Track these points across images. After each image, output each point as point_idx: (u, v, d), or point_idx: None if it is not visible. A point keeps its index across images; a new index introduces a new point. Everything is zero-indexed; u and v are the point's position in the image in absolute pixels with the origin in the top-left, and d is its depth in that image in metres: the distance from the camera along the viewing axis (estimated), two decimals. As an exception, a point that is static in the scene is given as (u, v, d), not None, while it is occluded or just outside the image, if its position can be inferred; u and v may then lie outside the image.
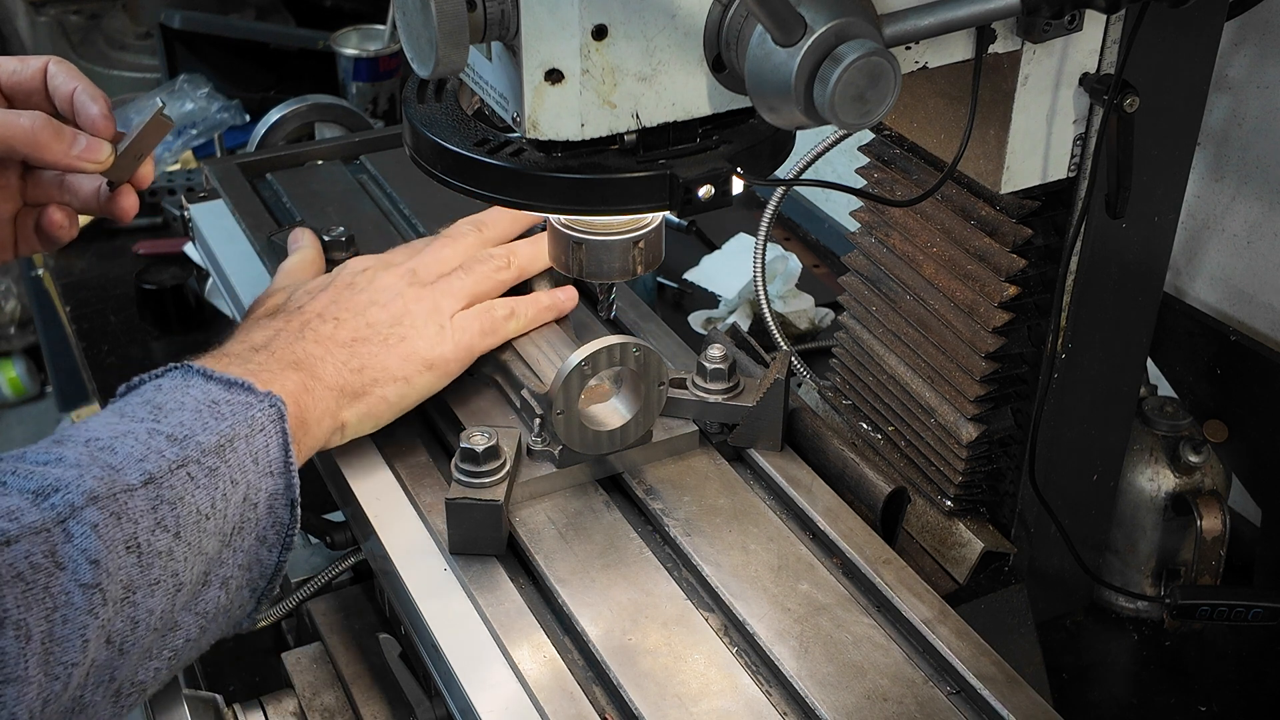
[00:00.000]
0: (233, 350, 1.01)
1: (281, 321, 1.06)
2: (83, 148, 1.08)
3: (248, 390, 0.93)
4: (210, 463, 0.88)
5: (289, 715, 1.07)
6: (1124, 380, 1.14)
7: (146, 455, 0.86)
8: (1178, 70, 0.98)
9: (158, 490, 0.85)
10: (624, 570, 1.00)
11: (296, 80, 2.20)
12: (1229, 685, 1.22)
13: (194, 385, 0.93)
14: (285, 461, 0.93)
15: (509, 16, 0.79)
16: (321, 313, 1.07)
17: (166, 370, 0.95)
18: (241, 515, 0.91)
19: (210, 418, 0.90)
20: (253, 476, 0.91)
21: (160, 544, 0.84)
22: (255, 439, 0.92)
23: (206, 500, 0.87)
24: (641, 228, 0.97)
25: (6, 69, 1.11)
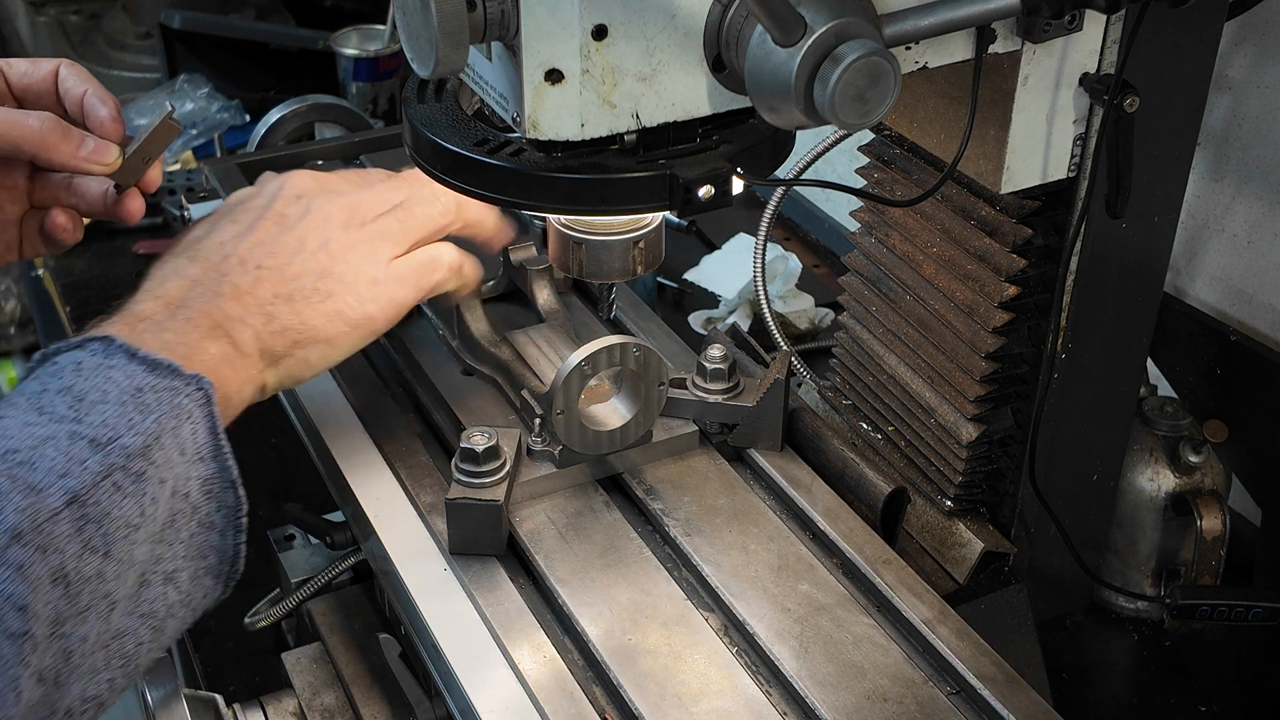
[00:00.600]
0: (147, 310, 0.94)
1: (199, 269, 0.98)
2: (90, 149, 1.07)
3: (173, 373, 0.87)
4: (137, 467, 0.83)
5: (289, 715, 1.07)
6: (1124, 380, 1.14)
7: (69, 469, 0.80)
8: (1178, 70, 0.98)
9: (82, 509, 0.80)
10: (624, 570, 1.00)
11: (296, 80, 2.20)
12: (1229, 685, 1.21)
13: (117, 367, 0.86)
14: (216, 446, 0.89)
15: (509, 16, 0.79)
16: (244, 258, 0.99)
17: (86, 341, 0.88)
18: (171, 509, 0.86)
19: (135, 412, 0.85)
20: (180, 468, 0.86)
21: (89, 568, 0.80)
22: (182, 429, 0.87)
23: (135, 509, 0.82)
24: (641, 228, 0.97)
25: (18, 70, 1.11)
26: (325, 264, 1.01)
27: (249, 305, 0.97)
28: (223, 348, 0.94)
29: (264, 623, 1.13)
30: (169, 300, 0.95)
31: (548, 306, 1.23)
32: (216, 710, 1.01)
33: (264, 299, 0.98)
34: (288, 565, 1.18)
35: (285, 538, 1.21)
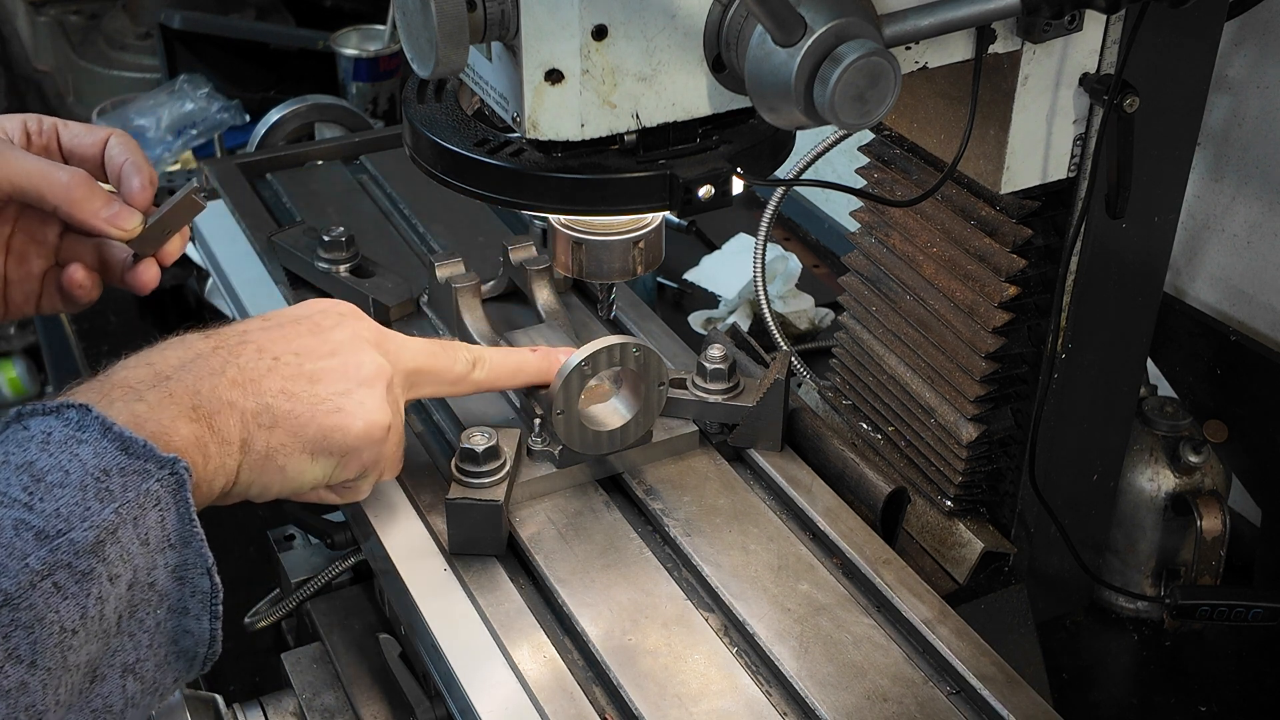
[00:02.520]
0: (129, 378, 0.88)
1: (210, 344, 0.94)
2: (113, 212, 1.07)
3: (148, 455, 0.81)
4: (83, 565, 0.77)
5: (289, 715, 1.07)
6: (1124, 380, 1.14)
7: (6, 567, 0.74)
8: (1178, 70, 0.98)
9: (13, 614, 0.74)
10: (624, 570, 1.00)
11: (296, 80, 2.20)
12: (1229, 685, 1.22)
13: (87, 442, 0.80)
14: (187, 533, 0.83)
15: (509, 16, 0.79)
16: (263, 347, 0.95)
17: (62, 408, 0.82)
18: (132, 599, 0.81)
19: (94, 500, 0.79)
20: (141, 559, 0.81)
21: (9, 680, 0.73)
22: (147, 517, 0.81)
23: (74, 613, 0.76)
24: (641, 228, 0.97)
25: (71, 131, 1.12)
26: (348, 382, 0.96)
27: (248, 392, 0.92)
28: (198, 430, 0.88)
29: (264, 623, 1.13)
30: (159, 369, 0.90)
31: (548, 306, 1.23)
32: (216, 710, 1.01)
33: (268, 390, 0.92)
34: (288, 565, 1.18)
35: (285, 538, 1.21)
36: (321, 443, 0.94)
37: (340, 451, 0.95)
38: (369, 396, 0.96)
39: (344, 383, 0.95)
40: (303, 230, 1.37)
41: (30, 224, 1.11)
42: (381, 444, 0.98)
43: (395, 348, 1.01)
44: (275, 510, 1.21)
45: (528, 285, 1.24)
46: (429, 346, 1.04)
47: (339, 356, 0.96)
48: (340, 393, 0.95)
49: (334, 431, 0.94)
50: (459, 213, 1.47)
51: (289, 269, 1.35)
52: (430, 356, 1.03)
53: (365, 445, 0.96)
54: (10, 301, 1.14)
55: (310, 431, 0.93)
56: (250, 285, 1.40)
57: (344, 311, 1.01)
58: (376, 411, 0.96)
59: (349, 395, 0.95)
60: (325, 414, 0.94)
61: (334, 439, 0.94)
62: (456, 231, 1.44)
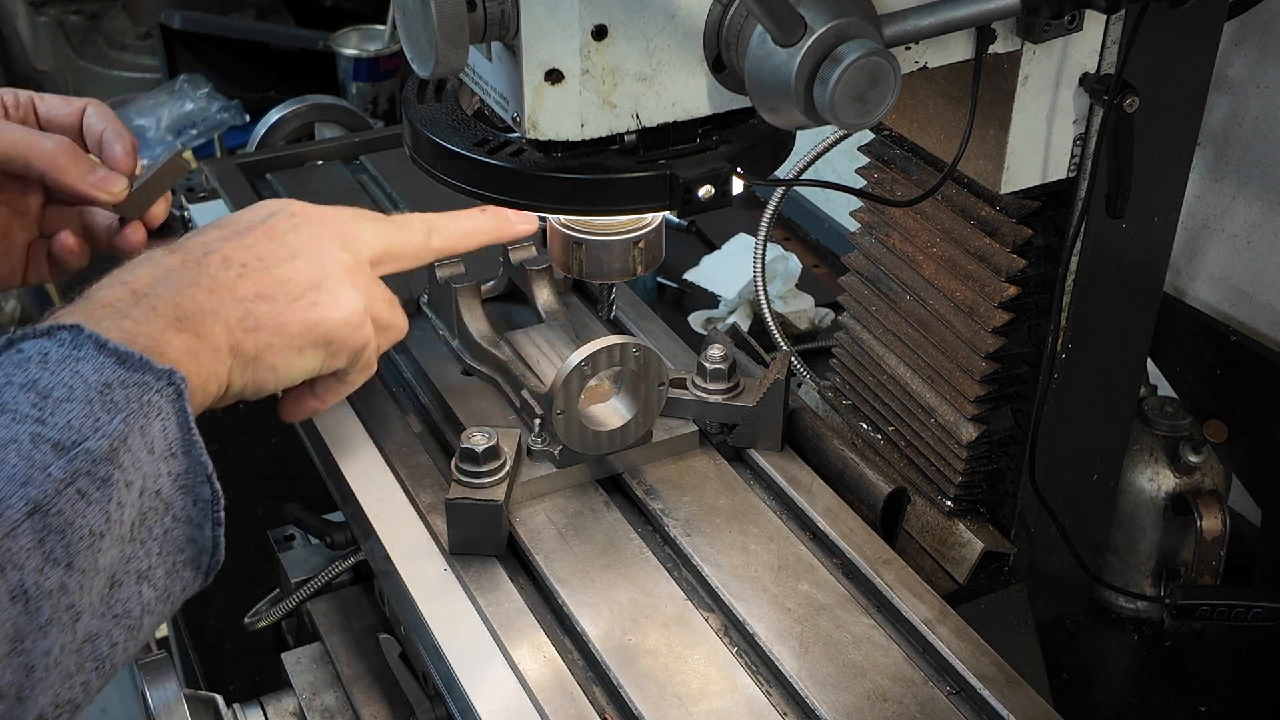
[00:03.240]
0: (110, 297, 0.90)
1: (177, 259, 0.95)
2: (99, 177, 1.08)
3: (144, 367, 0.84)
4: (102, 472, 0.80)
5: (289, 715, 1.07)
6: (1124, 380, 1.14)
7: (30, 476, 0.77)
8: (1178, 70, 0.98)
9: (44, 519, 0.76)
10: (624, 570, 1.00)
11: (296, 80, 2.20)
12: (1229, 685, 1.22)
13: (85, 359, 0.83)
14: (188, 441, 0.86)
15: (509, 16, 0.79)
16: (228, 257, 0.97)
17: (53, 329, 0.84)
18: (142, 508, 0.84)
19: (102, 411, 0.81)
20: (148, 466, 0.83)
21: (50, 582, 0.76)
22: (151, 427, 0.83)
23: (99, 516, 0.79)
24: (641, 228, 0.97)
25: (48, 104, 1.13)
26: (315, 276, 0.99)
27: (226, 299, 0.94)
28: (187, 340, 0.90)
29: (264, 623, 1.13)
30: (135, 287, 0.91)
31: (548, 306, 1.23)
32: (216, 710, 1.01)
33: (244, 295, 0.95)
34: (288, 565, 1.18)
35: (285, 538, 1.21)
36: (306, 336, 0.97)
37: (325, 341, 0.99)
38: (339, 286, 0.99)
39: (311, 277, 0.98)
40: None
41: (12, 196, 1.13)
42: (362, 327, 1.01)
43: (353, 238, 1.04)
44: (275, 510, 1.21)
45: (528, 285, 1.24)
46: (384, 226, 1.07)
47: (301, 258, 0.99)
48: (311, 286, 0.98)
49: (316, 324, 0.98)
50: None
51: (289, 269, 1.34)
52: (387, 235, 1.06)
53: (347, 331, 0.99)
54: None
55: (294, 328, 0.96)
56: (250, 285, 1.40)
57: (295, 211, 1.03)
58: (350, 299, 0.99)
59: (320, 289, 0.98)
60: (303, 308, 0.97)
61: (318, 331, 0.98)
62: (456, 231, 1.44)
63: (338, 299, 0.99)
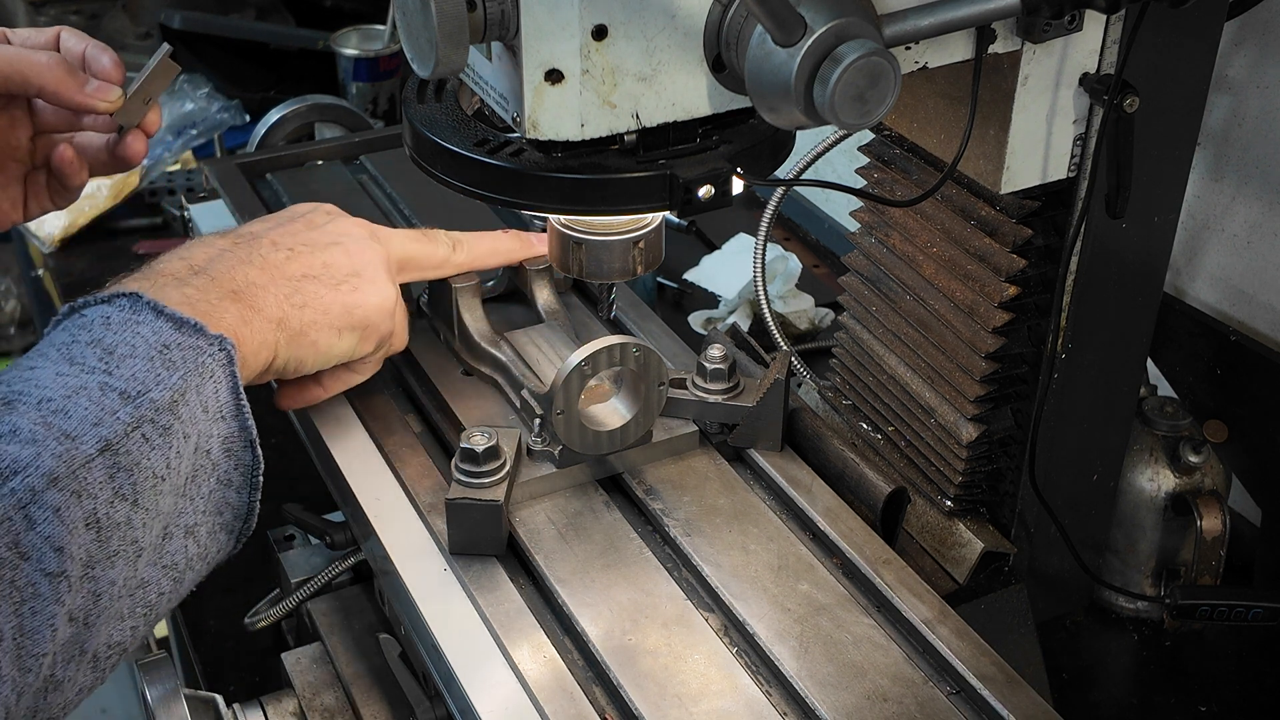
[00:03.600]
0: (169, 269, 0.97)
1: (229, 241, 1.02)
2: (94, 87, 1.11)
3: (198, 332, 0.90)
4: (164, 421, 0.86)
5: (289, 715, 1.07)
6: (1124, 380, 1.14)
7: (101, 418, 0.83)
8: (1178, 70, 0.98)
9: (114, 457, 0.83)
10: (624, 570, 1.00)
11: (296, 80, 2.20)
12: (1229, 685, 1.22)
13: (144, 322, 0.89)
14: (236, 405, 0.92)
15: (509, 16, 0.79)
16: (276, 241, 1.04)
17: (113, 297, 0.91)
18: (195, 464, 0.90)
19: (162, 368, 0.87)
20: (203, 425, 0.90)
21: (119, 514, 0.83)
22: (205, 387, 0.90)
23: (161, 461, 0.86)
24: (641, 228, 0.97)
25: (21, 35, 1.16)
26: (356, 264, 1.05)
27: (276, 277, 1.00)
28: (241, 310, 0.96)
29: (264, 623, 1.13)
30: (193, 263, 0.98)
31: (548, 306, 1.23)
32: (216, 710, 1.01)
33: (292, 274, 1.01)
34: (288, 565, 1.18)
35: (285, 538, 1.21)
36: (346, 318, 1.04)
37: (362, 325, 1.05)
38: (376, 274, 1.06)
39: (351, 263, 1.05)
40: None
41: (1, 130, 1.16)
42: (392, 316, 1.08)
43: (385, 236, 1.10)
44: (275, 510, 1.21)
45: (528, 285, 1.24)
46: (413, 234, 1.14)
47: (341, 245, 1.06)
48: (353, 273, 1.05)
49: (355, 308, 1.04)
50: (459, 213, 1.46)
51: (289, 269, 1.34)
52: (415, 243, 1.13)
53: (381, 318, 1.06)
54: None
55: (336, 309, 1.03)
56: (250, 285, 1.40)
57: (330, 210, 1.11)
58: (386, 286, 1.07)
59: (360, 275, 1.05)
60: (345, 293, 1.04)
61: (356, 314, 1.04)
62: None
63: (376, 285, 1.06)
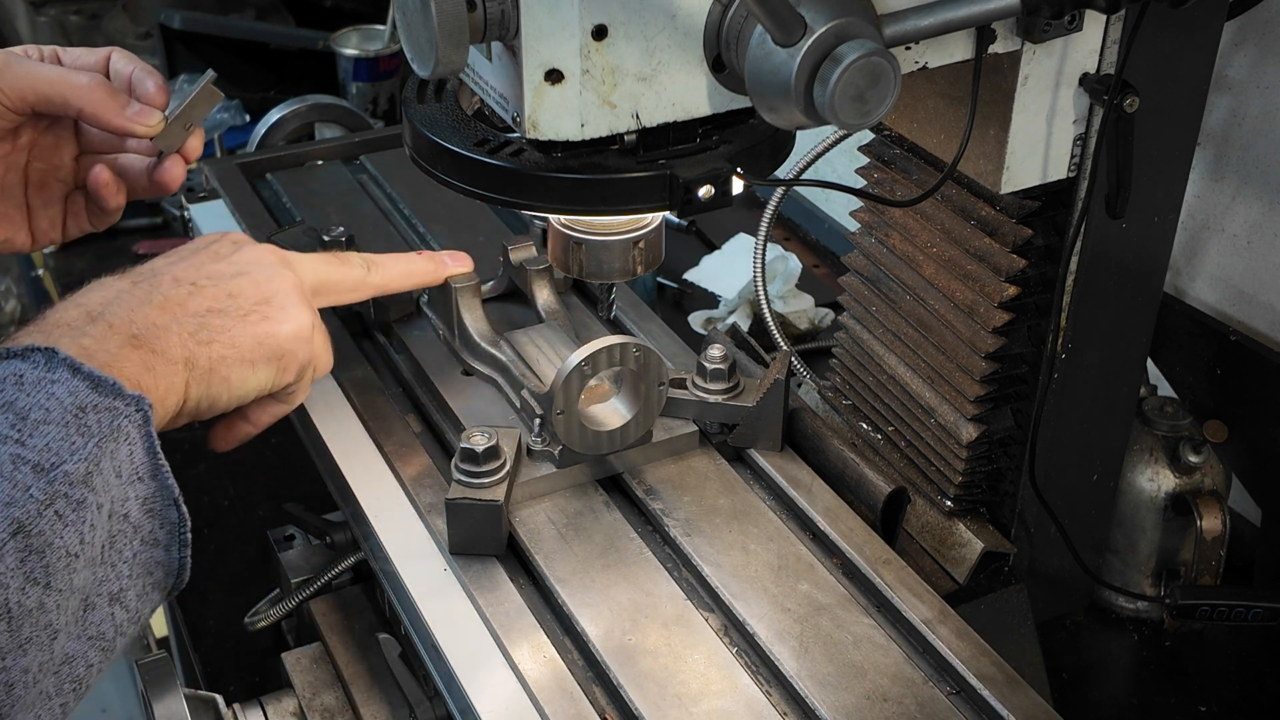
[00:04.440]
0: (65, 318, 0.92)
1: (128, 283, 0.98)
2: (135, 110, 1.10)
3: (115, 393, 0.85)
4: (78, 494, 0.81)
5: (289, 715, 1.07)
6: (1124, 380, 1.14)
7: (14, 497, 0.78)
8: (1178, 70, 0.98)
9: (26, 540, 0.78)
10: (624, 570, 1.00)
11: (296, 80, 2.20)
12: (1229, 685, 1.22)
13: (59, 381, 0.84)
14: (154, 465, 0.87)
15: (509, 16, 0.79)
16: (178, 277, 0.99)
17: (28, 350, 0.85)
18: (111, 530, 0.85)
19: (77, 435, 0.83)
20: (116, 490, 0.85)
21: (30, 600, 0.78)
22: (119, 451, 0.85)
23: (75, 537, 0.81)
24: (641, 228, 0.97)
25: (73, 54, 1.15)
26: (264, 292, 1.01)
27: (178, 315, 0.96)
28: (143, 356, 0.92)
29: (264, 623, 1.13)
30: (90, 309, 0.93)
31: (548, 306, 1.23)
32: (216, 710, 1.01)
33: (196, 310, 0.97)
34: (288, 565, 1.18)
35: (285, 538, 1.21)
36: (258, 349, 0.99)
37: (276, 355, 1.00)
38: (287, 300, 1.01)
39: (260, 293, 1.00)
40: (303, 230, 1.37)
41: (46, 150, 1.16)
42: (310, 342, 1.03)
43: (295, 261, 1.06)
44: (275, 510, 1.21)
45: (528, 285, 1.24)
46: (325, 257, 1.10)
47: (247, 274, 1.01)
48: (261, 301, 1.00)
49: (267, 337, 0.99)
50: (459, 213, 1.47)
51: (289, 269, 1.35)
52: (327, 266, 1.09)
53: (297, 345, 1.01)
54: (36, 230, 1.18)
55: (246, 341, 0.98)
56: (250, 285, 1.40)
57: (237, 239, 1.06)
58: (299, 312, 1.02)
59: (270, 303, 1.00)
60: (254, 322, 0.99)
61: (269, 344, 0.99)
62: (456, 231, 1.44)
63: (287, 312, 1.01)
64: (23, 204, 1.15)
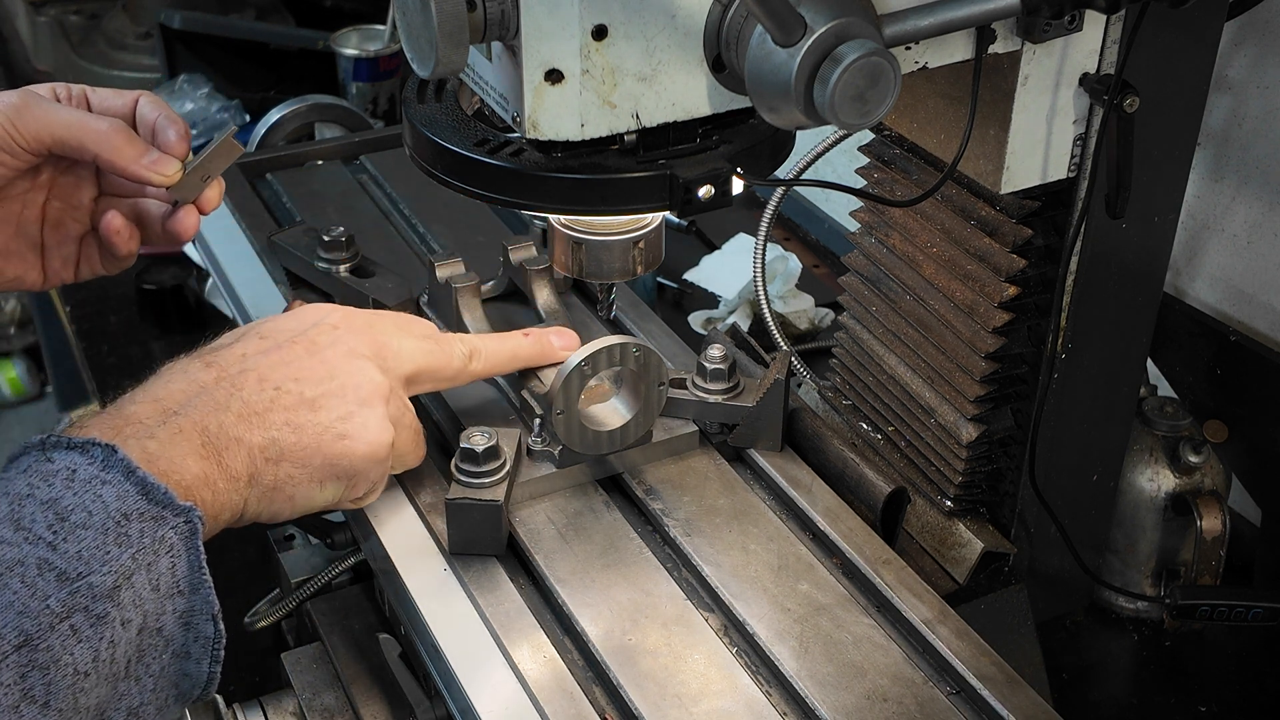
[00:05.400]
0: (140, 414, 0.89)
1: (212, 376, 0.94)
2: (153, 159, 1.08)
3: (165, 503, 0.83)
4: (100, 609, 0.78)
5: (289, 715, 1.07)
6: (1124, 380, 1.14)
7: (28, 607, 0.76)
8: (1178, 70, 0.98)
9: (32, 654, 0.75)
10: (624, 570, 1.00)
11: (296, 80, 2.20)
12: (1229, 685, 1.22)
13: (111, 484, 0.82)
14: (195, 580, 0.84)
15: (509, 16, 0.79)
16: (264, 376, 0.95)
17: (87, 445, 0.83)
18: (140, 645, 0.82)
19: (114, 544, 0.80)
20: (151, 604, 0.82)
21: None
22: (160, 563, 0.82)
23: (88, 656, 0.78)
24: (641, 228, 0.97)
25: (100, 96, 1.14)
26: (350, 404, 0.96)
27: (254, 426, 0.92)
28: (207, 468, 0.89)
29: (264, 623, 1.13)
30: (166, 405, 0.91)
31: (548, 306, 1.23)
32: (216, 710, 1.01)
33: (273, 423, 0.93)
34: (288, 565, 1.18)
35: (285, 538, 1.21)
36: (328, 470, 0.96)
37: (347, 475, 0.97)
38: (370, 416, 0.97)
39: (344, 406, 0.96)
40: (303, 230, 1.37)
41: (65, 189, 1.13)
42: (385, 462, 0.99)
43: (392, 355, 1.02)
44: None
45: (528, 285, 1.24)
46: (424, 346, 1.05)
47: (338, 379, 0.97)
48: (342, 417, 0.96)
49: (340, 458, 0.95)
50: (459, 213, 1.47)
51: (289, 269, 1.35)
52: (427, 355, 1.04)
53: (370, 466, 0.98)
54: (49, 269, 1.16)
55: (317, 461, 0.95)
56: (250, 285, 1.40)
57: (337, 324, 1.01)
58: (379, 431, 0.97)
59: (351, 419, 0.96)
60: (330, 441, 0.95)
61: (340, 465, 0.96)
62: (456, 231, 1.44)
63: (368, 430, 0.97)
64: (38, 243, 1.13)
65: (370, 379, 0.98)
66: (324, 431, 0.95)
